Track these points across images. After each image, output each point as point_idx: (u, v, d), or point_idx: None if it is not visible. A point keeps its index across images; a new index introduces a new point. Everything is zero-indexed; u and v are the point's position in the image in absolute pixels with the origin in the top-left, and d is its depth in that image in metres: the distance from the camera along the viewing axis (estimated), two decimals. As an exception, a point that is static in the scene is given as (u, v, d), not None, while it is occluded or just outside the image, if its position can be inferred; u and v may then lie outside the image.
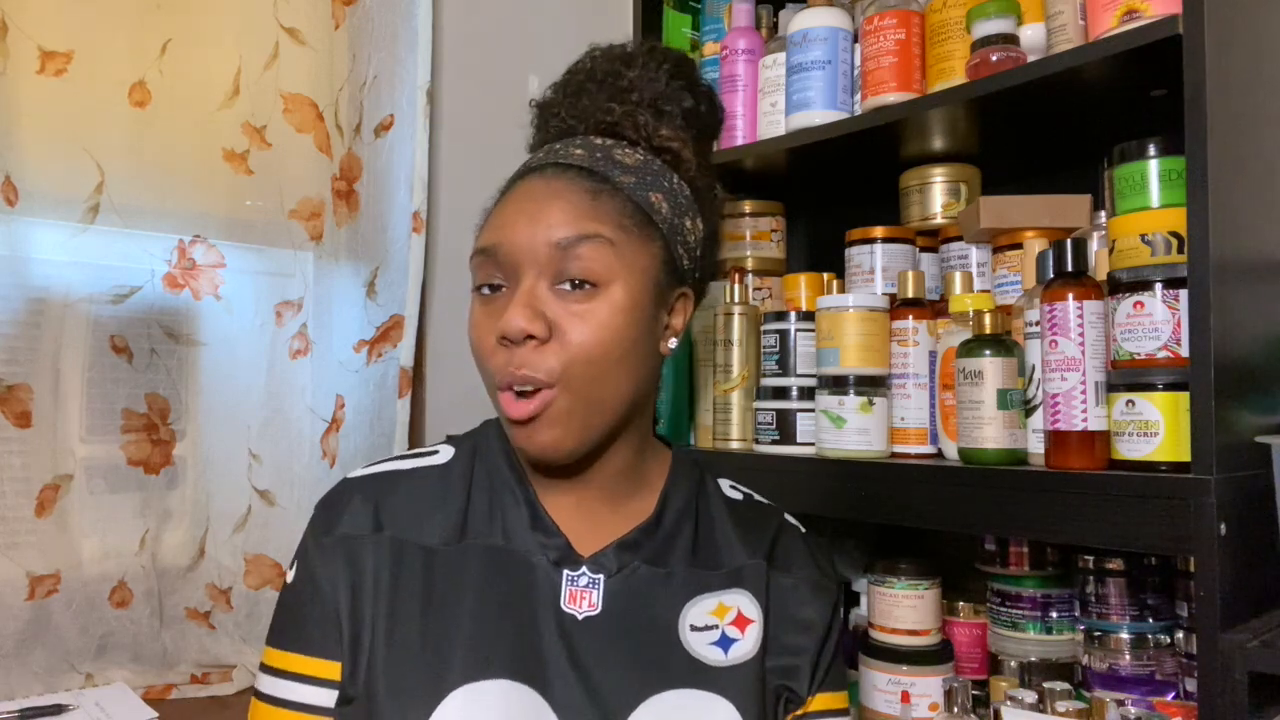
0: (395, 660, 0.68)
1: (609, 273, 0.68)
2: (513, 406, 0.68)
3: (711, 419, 1.34)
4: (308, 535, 0.74)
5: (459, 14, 1.53)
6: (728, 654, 0.72)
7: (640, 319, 0.70)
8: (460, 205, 1.50)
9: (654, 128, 0.75)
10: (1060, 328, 0.95)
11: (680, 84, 0.78)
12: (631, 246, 0.69)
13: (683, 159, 0.75)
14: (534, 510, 0.73)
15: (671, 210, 0.73)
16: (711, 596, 0.74)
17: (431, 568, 0.71)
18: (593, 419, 0.69)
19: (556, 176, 0.70)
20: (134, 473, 1.24)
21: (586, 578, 0.71)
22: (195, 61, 1.29)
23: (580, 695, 0.67)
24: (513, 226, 0.69)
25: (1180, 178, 0.92)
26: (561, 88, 0.79)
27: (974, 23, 1.10)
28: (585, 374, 0.67)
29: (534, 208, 0.69)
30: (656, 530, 0.75)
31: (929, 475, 1.05)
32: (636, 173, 0.72)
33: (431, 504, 0.74)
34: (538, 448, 0.68)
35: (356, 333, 1.41)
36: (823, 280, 1.39)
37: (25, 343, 1.16)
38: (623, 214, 0.70)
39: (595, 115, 0.75)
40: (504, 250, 0.68)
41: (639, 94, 0.76)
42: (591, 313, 0.67)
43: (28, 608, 1.13)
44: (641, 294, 0.70)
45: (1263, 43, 0.97)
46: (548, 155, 0.73)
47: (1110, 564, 1.09)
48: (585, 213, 0.68)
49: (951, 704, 1.02)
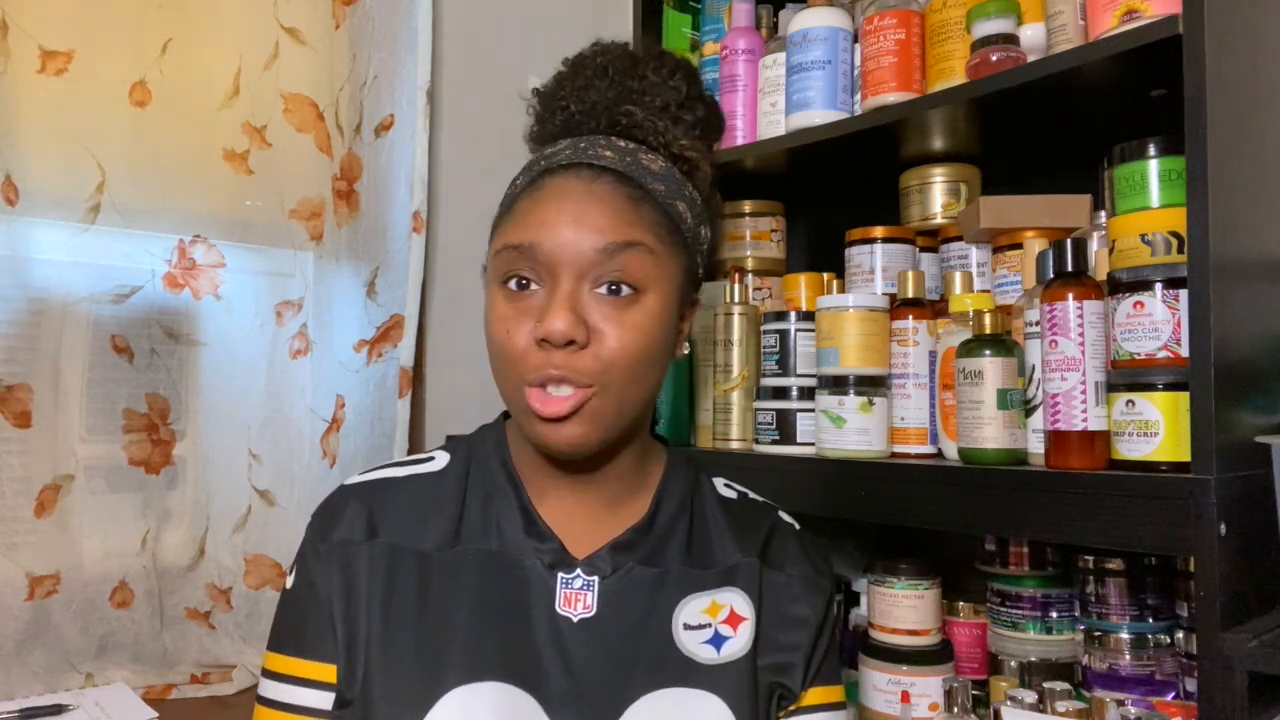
0: (390, 664, 0.69)
1: (648, 280, 0.69)
2: (545, 403, 0.67)
3: (711, 419, 1.34)
4: (305, 541, 0.75)
5: (459, 14, 1.53)
6: (720, 652, 0.72)
7: (668, 326, 0.71)
8: (460, 205, 1.50)
9: (674, 136, 0.74)
10: (1060, 328, 0.95)
11: (693, 93, 0.78)
12: (667, 255, 0.70)
13: (699, 169, 0.76)
14: (528, 515, 0.74)
15: (693, 220, 0.74)
16: (705, 595, 0.74)
17: (426, 573, 0.71)
18: (619, 421, 0.70)
19: (594, 179, 0.69)
20: (134, 473, 1.24)
21: (581, 580, 0.72)
22: (195, 61, 1.28)
23: (574, 697, 0.68)
24: (554, 226, 0.68)
25: (1180, 178, 0.92)
26: (569, 79, 0.77)
27: (974, 23, 1.10)
28: (622, 378, 0.68)
29: (576, 210, 0.68)
30: (650, 530, 0.75)
31: (929, 475, 1.05)
32: (665, 181, 0.72)
33: (427, 510, 0.74)
34: (565, 442, 0.68)
35: (356, 333, 1.41)
36: (823, 280, 1.39)
37: (25, 343, 1.16)
38: (659, 223, 0.70)
39: (610, 114, 0.74)
40: (544, 249, 0.67)
41: (652, 98, 0.75)
42: (630, 319, 0.68)
43: (28, 608, 1.13)
44: (671, 302, 0.71)
45: (1263, 43, 0.97)
46: (576, 154, 0.72)
47: (1110, 564, 1.09)
48: (629, 220, 0.68)
49: (951, 704, 1.02)
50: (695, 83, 0.79)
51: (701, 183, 0.76)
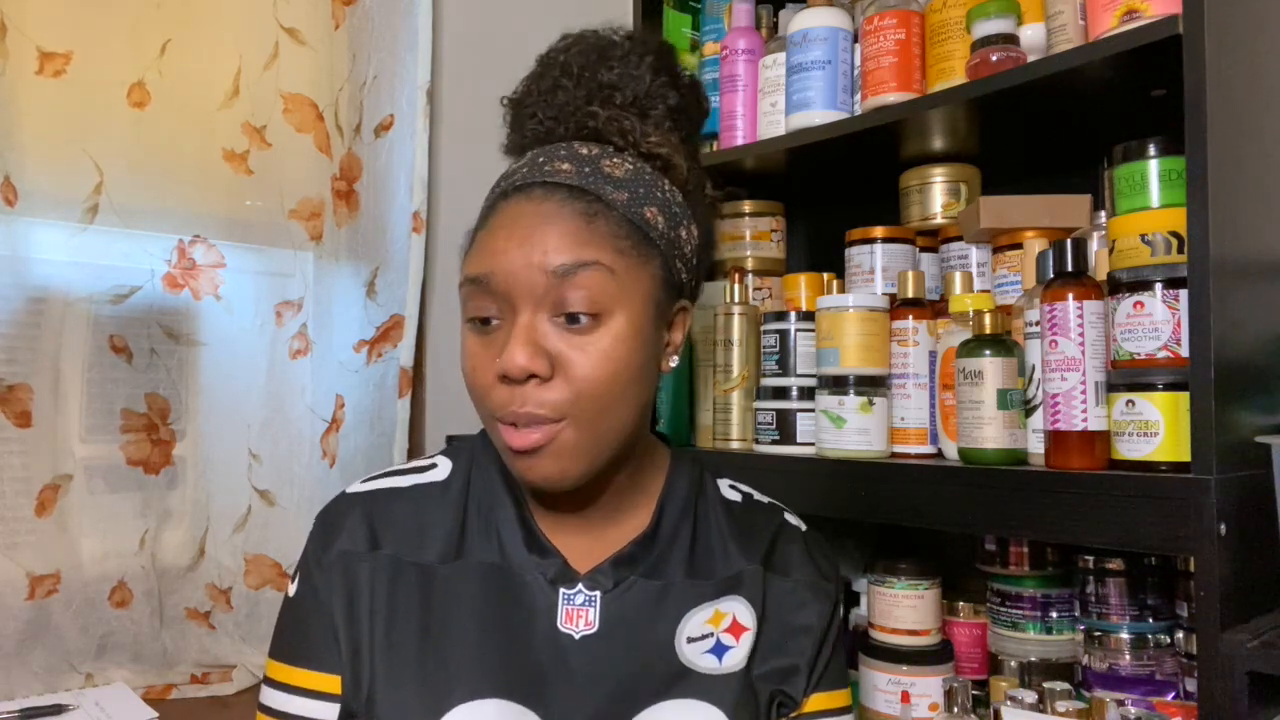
0: (394, 679, 0.68)
1: (609, 301, 0.65)
2: (514, 437, 0.65)
3: (711, 419, 1.34)
4: (307, 551, 0.74)
5: (459, 14, 1.53)
6: (721, 661, 0.71)
7: (643, 344, 0.68)
8: (460, 205, 1.50)
9: (641, 133, 0.71)
10: (1060, 328, 0.95)
11: (664, 80, 0.74)
12: (630, 270, 0.67)
13: (673, 164, 0.72)
14: (529, 529, 0.73)
15: (667, 224, 0.70)
16: (708, 606, 0.73)
17: (429, 586, 0.71)
18: (598, 450, 0.67)
19: (546, 198, 0.66)
20: (134, 473, 1.24)
21: (583, 595, 0.71)
22: (195, 62, 1.28)
23: (577, 714, 0.67)
24: (504, 254, 0.65)
25: (1180, 178, 0.92)
26: (536, 81, 0.75)
27: (974, 23, 1.10)
28: (591, 407, 0.65)
29: (525, 234, 0.65)
30: (653, 542, 0.74)
31: (929, 475, 1.05)
32: (629, 187, 0.68)
33: (428, 521, 0.74)
34: (541, 478, 0.67)
35: (356, 333, 1.41)
36: (823, 280, 1.39)
37: (25, 343, 1.16)
38: (619, 236, 0.66)
39: (576, 117, 0.72)
40: (497, 279, 0.65)
41: (621, 94, 0.72)
42: (594, 344, 0.65)
43: (28, 608, 1.13)
44: (643, 318, 0.67)
45: (1263, 43, 0.97)
46: (532, 172, 0.69)
47: (1110, 564, 1.09)
48: (581, 239, 0.65)
49: (951, 704, 1.02)
50: (668, 68, 0.75)
51: (678, 178, 0.72)
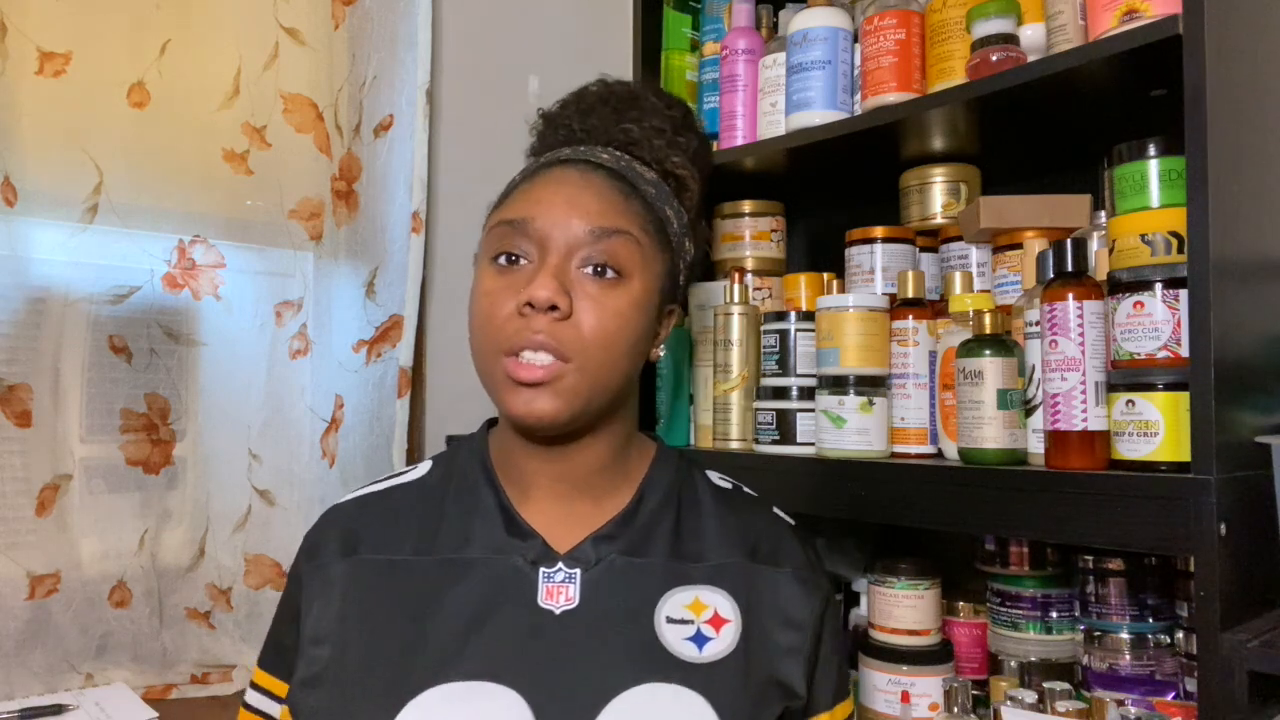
0: (370, 665, 0.70)
1: (633, 267, 0.72)
2: (519, 369, 0.69)
3: (711, 419, 1.34)
4: (294, 563, 0.79)
5: (459, 14, 1.53)
6: (701, 651, 0.71)
7: (647, 319, 0.74)
8: (460, 205, 1.50)
9: (667, 154, 0.80)
10: (1060, 328, 0.95)
11: (686, 125, 0.84)
12: (652, 249, 0.75)
13: (687, 188, 0.81)
14: (508, 515, 0.75)
15: (679, 229, 0.79)
16: (689, 590, 0.74)
17: (402, 579, 0.73)
18: (592, 399, 0.71)
19: (590, 172, 0.74)
20: (134, 472, 1.24)
21: (563, 573, 0.72)
22: (195, 62, 1.28)
23: (558, 690, 0.68)
24: (549, 204, 0.72)
25: (1180, 178, 0.92)
26: (573, 104, 0.83)
27: (974, 23, 1.10)
28: (598, 357, 0.70)
29: (571, 191, 0.72)
30: (633, 520, 0.75)
31: (929, 475, 1.05)
32: (655, 186, 0.78)
33: (404, 518, 0.77)
34: (535, 415, 0.69)
35: (356, 333, 1.40)
36: (823, 280, 1.39)
37: (25, 343, 1.16)
38: (646, 220, 0.75)
39: (609, 132, 0.80)
40: (536, 225, 0.71)
41: (649, 122, 0.81)
42: (612, 301, 0.71)
43: (28, 608, 1.13)
44: (652, 295, 0.75)
45: (1263, 43, 0.97)
46: (575, 153, 0.77)
47: (1110, 564, 1.09)
48: (619, 209, 0.73)
49: (951, 704, 1.02)
50: (690, 117, 0.85)
51: (689, 202, 0.82)
